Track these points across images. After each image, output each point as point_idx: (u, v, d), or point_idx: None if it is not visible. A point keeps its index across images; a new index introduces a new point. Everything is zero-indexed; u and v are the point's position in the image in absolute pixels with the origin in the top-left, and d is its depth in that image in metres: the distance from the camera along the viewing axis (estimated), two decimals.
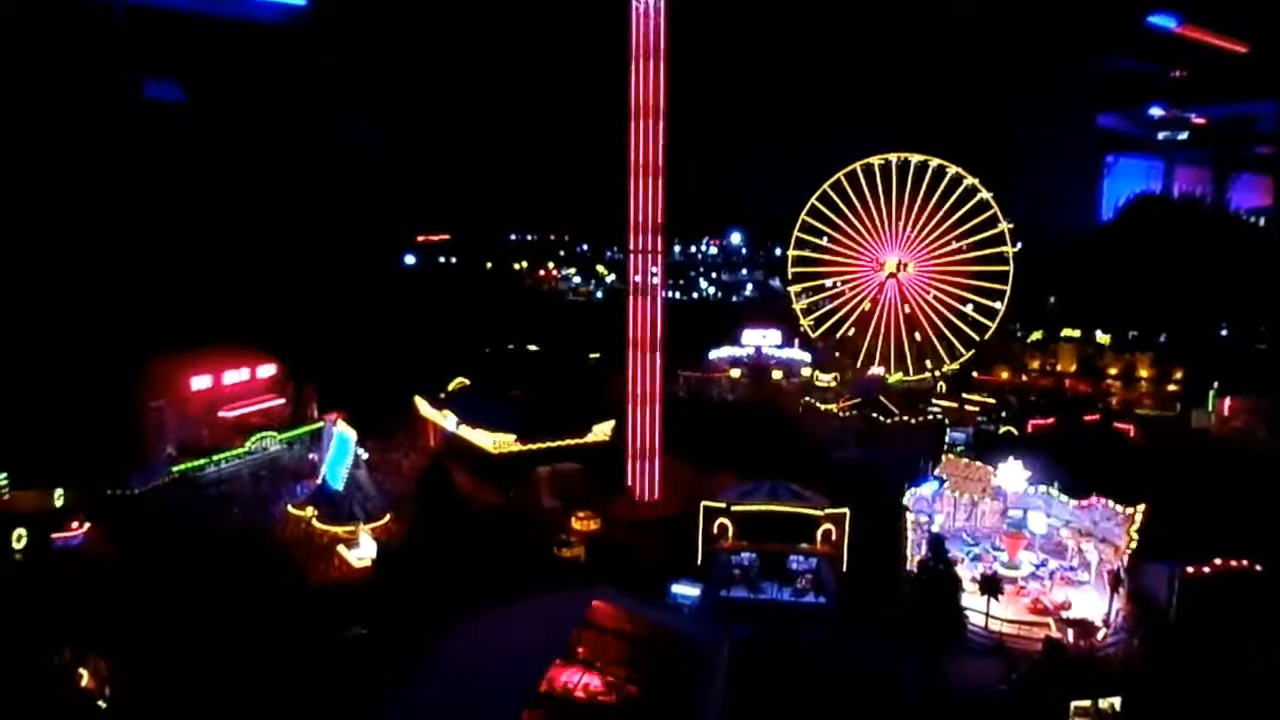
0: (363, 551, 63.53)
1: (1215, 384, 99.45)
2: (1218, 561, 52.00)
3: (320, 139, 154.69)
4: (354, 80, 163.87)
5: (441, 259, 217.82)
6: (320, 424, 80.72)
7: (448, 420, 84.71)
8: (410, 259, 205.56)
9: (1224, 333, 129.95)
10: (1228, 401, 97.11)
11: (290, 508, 69.83)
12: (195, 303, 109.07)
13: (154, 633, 49.39)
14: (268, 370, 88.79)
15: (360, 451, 70.50)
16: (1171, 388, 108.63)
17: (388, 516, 67.72)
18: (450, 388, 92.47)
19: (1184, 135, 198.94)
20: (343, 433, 71.10)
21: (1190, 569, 52.06)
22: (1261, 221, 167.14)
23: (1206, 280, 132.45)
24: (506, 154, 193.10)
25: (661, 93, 72.09)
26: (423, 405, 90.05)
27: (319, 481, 71.57)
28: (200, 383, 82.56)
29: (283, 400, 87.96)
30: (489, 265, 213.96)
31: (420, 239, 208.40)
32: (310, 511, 67.64)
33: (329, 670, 47.01)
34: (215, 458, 78.23)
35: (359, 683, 44.53)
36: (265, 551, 63.72)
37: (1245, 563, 51.80)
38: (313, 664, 47.65)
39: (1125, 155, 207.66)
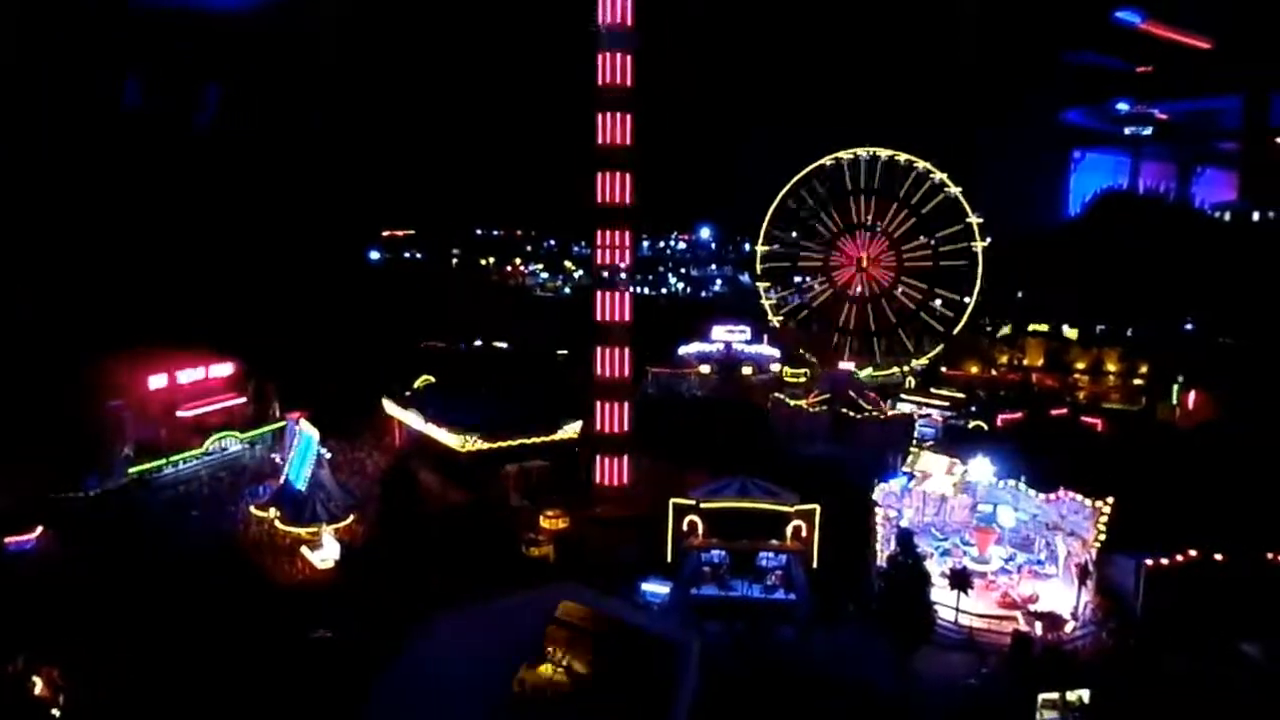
0: (326, 553, 62.60)
1: (1179, 378, 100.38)
2: (1180, 556, 52.23)
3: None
4: (320, 74, 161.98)
5: (407, 254, 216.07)
6: (282, 423, 79.61)
7: (413, 419, 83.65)
8: (375, 254, 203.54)
9: (1189, 327, 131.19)
10: (1192, 395, 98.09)
11: (252, 509, 68.68)
12: (152, 300, 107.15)
13: (110, 639, 48.25)
14: (226, 369, 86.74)
15: (323, 451, 69.38)
16: (1137, 382, 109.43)
17: (351, 517, 66.67)
18: (416, 385, 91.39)
19: (1149, 130, 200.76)
20: (305, 432, 69.96)
21: (1154, 561, 52.28)
22: (1227, 216, 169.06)
23: (1172, 275, 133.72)
24: (472, 149, 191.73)
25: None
26: (388, 404, 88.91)
27: (281, 482, 70.33)
28: (158, 381, 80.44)
29: (243, 399, 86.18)
30: (455, 261, 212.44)
31: (385, 234, 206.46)
32: (272, 512, 66.53)
33: (292, 674, 46.13)
34: (173, 459, 76.58)
35: (323, 687, 43.67)
36: (226, 554, 62.56)
37: (1209, 554, 52.05)
38: (275, 668, 46.74)
39: (1092, 150, 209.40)
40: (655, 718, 40.22)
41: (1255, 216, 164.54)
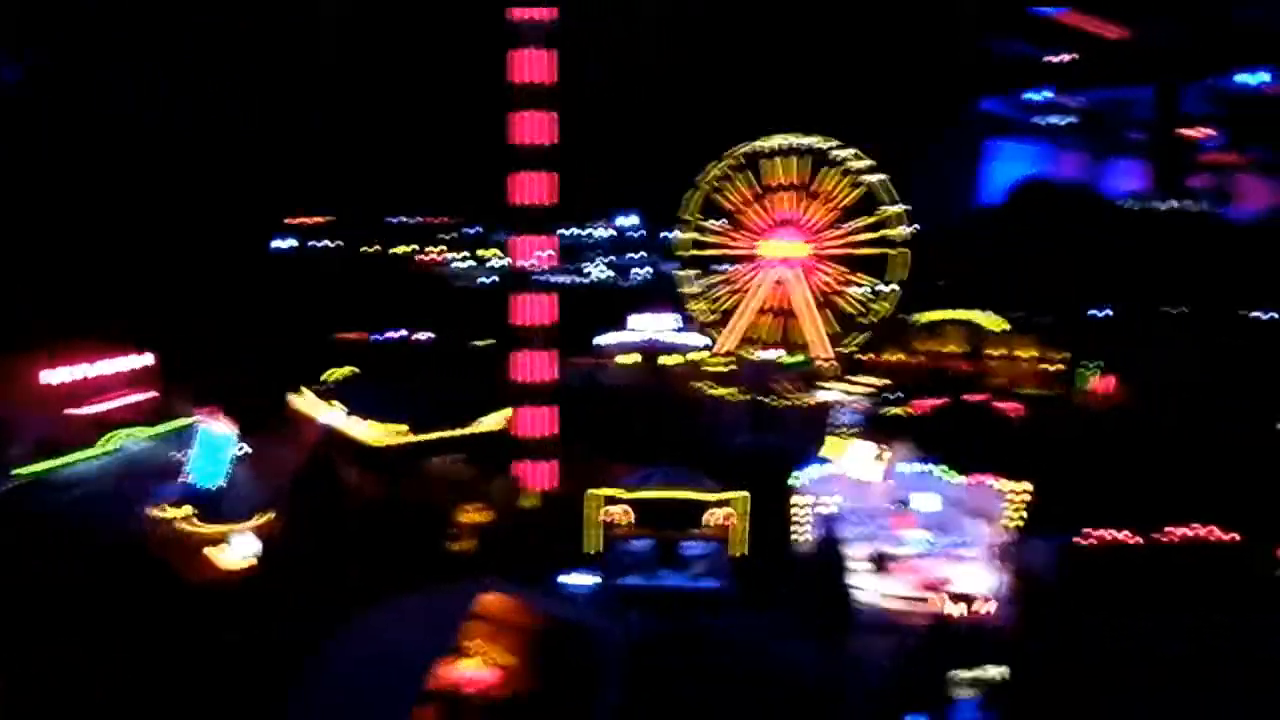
0: (238, 552, 60.87)
1: (1089, 363, 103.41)
2: (1095, 536, 53.62)
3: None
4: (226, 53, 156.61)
5: (317, 243, 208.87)
6: (191, 419, 76.66)
7: (331, 412, 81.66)
8: (281, 243, 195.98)
9: (1099, 313, 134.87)
10: (1101, 379, 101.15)
11: (157, 509, 65.99)
12: (40, 291, 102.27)
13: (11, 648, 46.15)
14: (127, 363, 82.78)
15: (237, 446, 67.31)
16: (1054, 368, 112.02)
17: (265, 515, 64.74)
18: (334, 377, 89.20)
19: (1066, 120, 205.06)
20: (216, 427, 67.72)
21: (1076, 542, 53.60)
22: (1136, 206, 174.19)
23: (1086, 262, 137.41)
24: (388, 132, 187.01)
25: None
26: (304, 396, 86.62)
27: (192, 480, 67.99)
28: (51, 377, 76.16)
29: (145, 395, 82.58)
30: (370, 249, 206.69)
31: (292, 221, 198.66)
32: (180, 512, 64.20)
33: (205, 677, 44.91)
34: (68, 459, 72.32)
35: (237, 690, 42.39)
36: (128, 558, 60.08)
37: (1125, 535, 53.51)
38: (187, 672, 45.48)
39: (1008, 139, 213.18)
40: (580, 708, 40.06)
41: (1163, 206, 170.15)
